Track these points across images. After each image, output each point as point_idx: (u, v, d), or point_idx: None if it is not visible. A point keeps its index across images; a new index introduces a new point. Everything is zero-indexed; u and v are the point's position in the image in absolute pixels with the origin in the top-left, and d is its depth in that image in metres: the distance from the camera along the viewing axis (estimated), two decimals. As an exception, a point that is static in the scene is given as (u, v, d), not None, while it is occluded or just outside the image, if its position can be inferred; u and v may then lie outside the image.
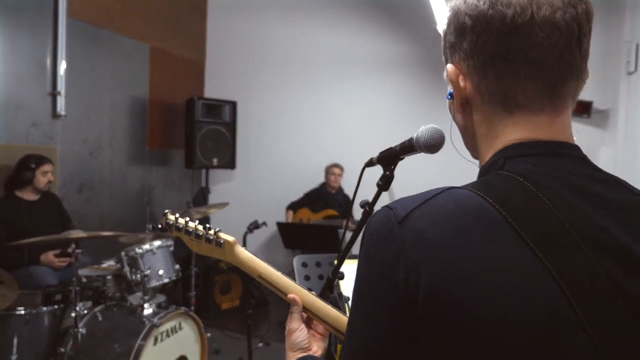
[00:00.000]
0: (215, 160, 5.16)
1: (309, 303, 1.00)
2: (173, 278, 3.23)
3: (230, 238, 1.09)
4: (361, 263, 0.63)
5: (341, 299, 1.26)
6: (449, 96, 0.74)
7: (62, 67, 3.97)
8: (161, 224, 1.17)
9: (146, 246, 3.11)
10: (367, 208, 1.14)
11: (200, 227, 1.12)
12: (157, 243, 3.19)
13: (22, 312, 2.68)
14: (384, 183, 1.09)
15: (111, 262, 3.46)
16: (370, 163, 1.13)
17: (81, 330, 2.75)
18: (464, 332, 0.55)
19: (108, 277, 3.12)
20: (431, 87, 5.33)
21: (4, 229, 3.36)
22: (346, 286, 1.31)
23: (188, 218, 1.16)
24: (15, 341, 2.64)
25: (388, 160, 1.07)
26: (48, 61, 3.93)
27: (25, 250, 3.34)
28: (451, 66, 0.71)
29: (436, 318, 0.56)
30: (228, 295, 4.86)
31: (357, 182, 1.19)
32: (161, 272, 3.13)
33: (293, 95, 5.91)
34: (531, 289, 0.56)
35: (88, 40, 4.32)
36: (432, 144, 0.95)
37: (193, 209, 3.50)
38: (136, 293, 3.12)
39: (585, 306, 0.56)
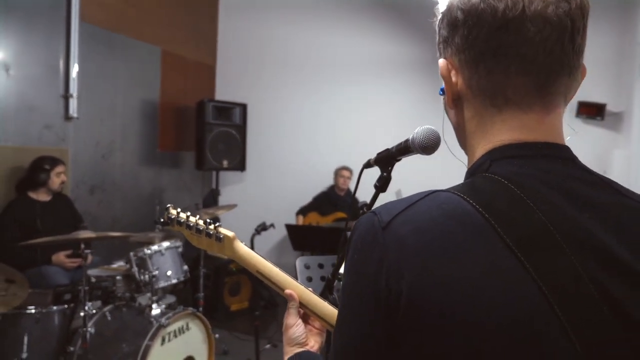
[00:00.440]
0: (225, 162, 5.19)
1: (305, 299, 1.01)
2: (181, 279, 3.25)
3: (229, 233, 1.10)
4: (346, 268, 0.64)
5: (340, 300, 1.26)
6: (441, 92, 0.73)
7: (75, 70, 4.03)
8: (163, 218, 1.18)
9: (155, 247, 3.13)
10: (365, 209, 1.15)
11: (200, 222, 1.13)
12: (166, 244, 3.21)
13: (33, 311, 2.72)
14: (382, 184, 1.09)
15: (121, 263, 3.50)
16: (368, 164, 1.14)
17: (90, 329, 2.77)
18: (445, 338, 0.55)
19: (117, 278, 3.15)
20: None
21: (18, 230, 3.42)
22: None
23: (189, 213, 1.17)
24: (25, 339, 2.67)
25: (385, 161, 1.07)
26: (61, 64, 3.99)
27: (37, 250, 3.39)
28: (443, 61, 0.70)
29: (417, 323, 0.56)
30: (237, 296, 4.87)
31: (356, 184, 1.20)
32: (169, 273, 3.16)
33: (303, 98, 5.92)
34: (512, 294, 0.55)
35: (100, 43, 4.37)
36: (427, 145, 0.95)
37: (202, 210, 3.53)
38: (145, 293, 3.14)
39: (567, 310, 0.55)
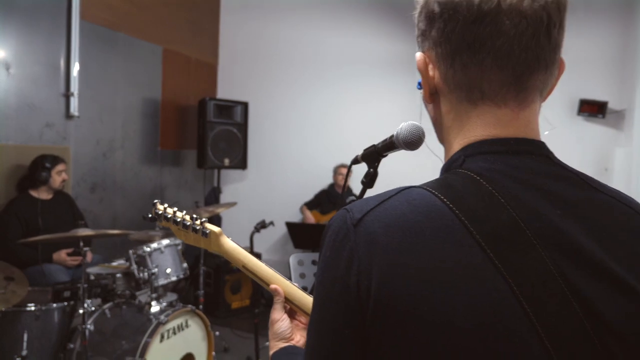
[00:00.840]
0: (226, 160, 5.20)
1: (291, 294, 1.02)
2: (181, 276, 3.26)
3: (215, 229, 1.10)
4: (319, 266, 0.64)
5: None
6: (419, 86, 0.72)
7: (76, 69, 4.05)
8: (151, 214, 1.19)
9: (154, 245, 3.14)
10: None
11: (187, 217, 1.13)
12: (165, 242, 3.23)
13: (33, 308, 2.73)
14: (369, 180, 1.09)
15: (122, 261, 3.52)
16: (355, 161, 1.14)
17: (89, 327, 2.79)
18: (412, 334, 0.55)
19: (118, 276, 3.17)
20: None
21: (20, 228, 3.44)
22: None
23: (176, 208, 1.17)
24: (25, 337, 2.68)
25: (372, 157, 1.08)
26: (62, 63, 4.00)
27: (39, 248, 3.41)
28: (420, 54, 0.70)
29: (385, 320, 0.56)
30: (238, 294, 4.89)
31: (345, 180, 1.20)
32: (169, 271, 3.17)
33: (304, 96, 5.92)
34: (481, 290, 0.55)
35: (101, 42, 4.39)
36: (411, 141, 0.95)
37: (202, 208, 3.54)
38: (145, 291, 3.16)
39: (536, 306, 0.54)
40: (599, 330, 0.56)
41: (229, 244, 1.10)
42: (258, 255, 4.94)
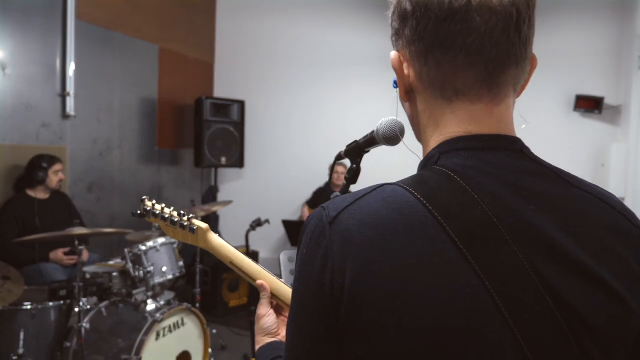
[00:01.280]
0: (223, 159, 5.21)
1: (277, 290, 1.03)
2: (177, 274, 3.27)
3: (203, 225, 1.11)
4: (296, 264, 0.64)
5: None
6: (394, 84, 0.72)
7: (71, 68, 4.05)
8: (140, 210, 1.20)
9: (150, 243, 3.15)
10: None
11: (174, 214, 1.14)
12: (161, 240, 3.23)
13: (29, 307, 2.74)
14: (351, 176, 1.10)
15: (118, 260, 3.52)
16: (339, 157, 1.15)
17: (85, 325, 2.80)
18: (384, 330, 0.55)
19: (114, 274, 3.17)
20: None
21: (17, 227, 3.45)
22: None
23: (164, 205, 1.18)
24: (21, 335, 2.69)
25: (354, 153, 1.08)
26: (57, 62, 4.01)
27: (36, 247, 3.42)
28: (394, 53, 0.70)
29: (358, 318, 0.56)
30: (236, 292, 4.90)
31: (329, 176, 1.21)
32: (164, 269, 3.18)
33: (301, 94, 5.93)
34: (454, 285, 0.55)
35: (97, 41, 4.39)
36: (390, 136, 0.96)
37: (197, 207, 3.55)
38: (140, 289, 3.17)
39: (508, 301, 0.55)
40: (573, 324, 0.56)
41: (216, 240, 1.10)
42: (255, 253, 4.95)
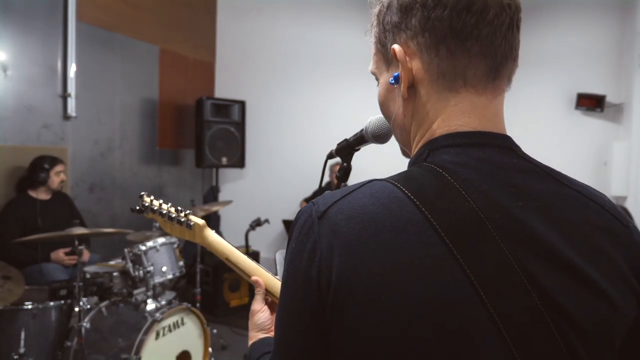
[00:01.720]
0: (224, 159, 5.22)
1: (271, 286, 1.04)
2: (177, 274, 3.28)
3: (200, 221, 1.12)
4: (285, 259, 0.64)
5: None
6: (393, 80, 0.69)
7: (72, 70, 4.07)
8: (138, 206, 1.21)
9: (150, 243, 3.16)
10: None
11: (172, 210, 1.15)
12: (161, 240, 3.24)
13: (30, 307, 2.75)
14: (342, 174, 1.10)
15: (119, 260, 3.54)
16: (330, 155, 1.15)
17: (86, 324, 2.81)
18: (370, 327, 0.55)
19: (114, 274, 3.18)
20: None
21: (18, 228, 3.47)
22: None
23: (162, 201, 1.19)
24: (22, 334, 2.70)
25: (345, 151, 1.09)
26: (58, 64, 4.03)
27: (38, 248, 3.44)
28: (398, 47, 0.67)
29: (344, 312, 0.56)
30: (237, 292, 4.90)
31: (322, 174, 1.22)
32: (165, 269, 3.19)
33: (302, 94, 5.93)
34: (440, 281, 0.55)
35: (98, 42, 4.41)
36: (379, 134, 0.96)
37: (198, 207, 3.56)
38: (141, 289, 3.18)
39: (494, 297, 0.55)
40: (559, 321, 0.56)
41: (212, 237, 1.12)
42: (256, 253, 4.96)
